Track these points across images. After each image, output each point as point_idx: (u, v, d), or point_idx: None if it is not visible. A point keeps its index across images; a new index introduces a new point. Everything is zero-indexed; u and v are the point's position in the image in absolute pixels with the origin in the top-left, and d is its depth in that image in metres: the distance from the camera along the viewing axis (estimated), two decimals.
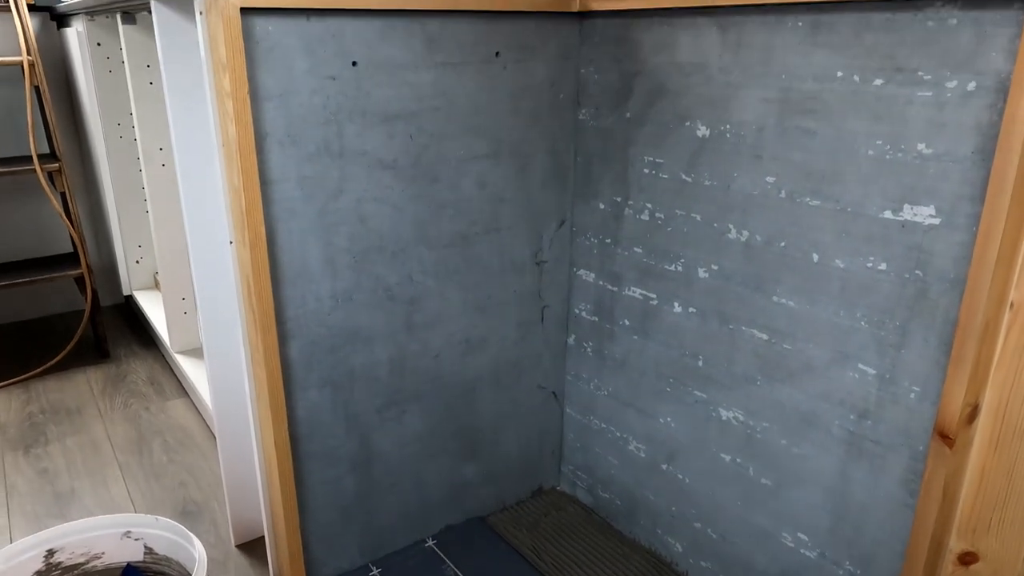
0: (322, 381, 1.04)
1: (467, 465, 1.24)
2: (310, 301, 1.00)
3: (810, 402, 0.91)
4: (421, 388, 1.14)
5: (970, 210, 0.72)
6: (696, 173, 0.99)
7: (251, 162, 0.90)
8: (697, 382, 1.05)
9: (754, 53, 0.88)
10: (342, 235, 1.00)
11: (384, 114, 0.99)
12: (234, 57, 0.85)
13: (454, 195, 1.08)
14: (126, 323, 2.30)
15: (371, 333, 1.06)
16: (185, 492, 1.45)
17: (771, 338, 0.93)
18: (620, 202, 1.11)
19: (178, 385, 1.89)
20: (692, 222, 1.01)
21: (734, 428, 1.01)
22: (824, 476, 0.91)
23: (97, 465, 1.55)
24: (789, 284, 0.90)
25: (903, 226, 0.78)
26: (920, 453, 0.80)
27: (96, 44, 1.84)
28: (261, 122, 0.90)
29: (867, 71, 0.78)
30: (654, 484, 1.16)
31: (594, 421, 1.26)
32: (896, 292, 0.79)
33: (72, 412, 1.76)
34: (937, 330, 0.77)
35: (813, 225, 0.86)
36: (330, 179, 0.97)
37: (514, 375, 1.24)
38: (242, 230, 0.92)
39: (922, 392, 0.79)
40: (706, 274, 1.00)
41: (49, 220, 2.24)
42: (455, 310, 1.14)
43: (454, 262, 1.11)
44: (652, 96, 1.02)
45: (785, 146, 0.87)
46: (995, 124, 0.69)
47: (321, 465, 1.08)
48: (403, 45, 0.97)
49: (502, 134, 1.10)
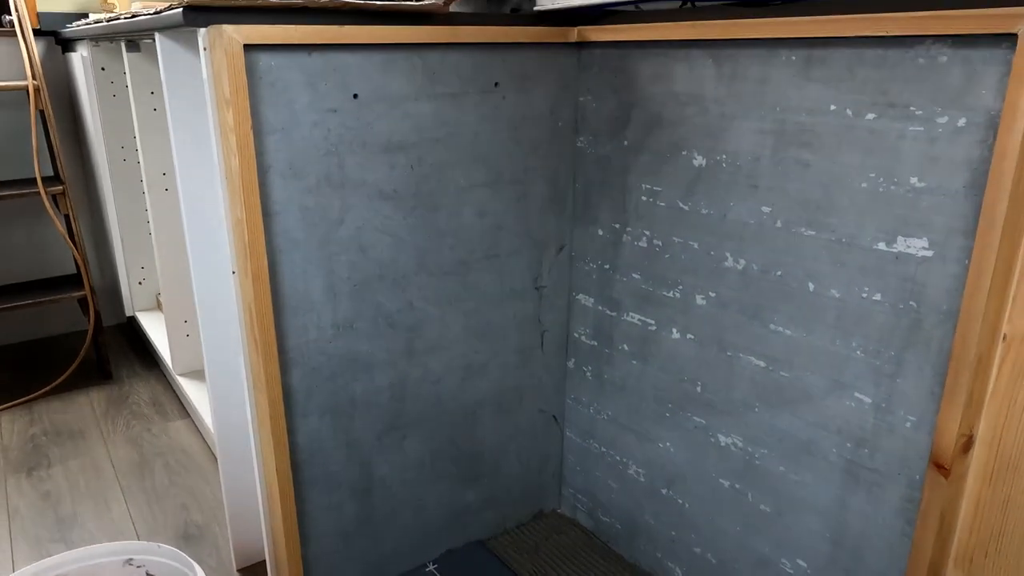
0: (323, 408, 1.05)
1: (468, 489, 1.25)
2: (311, 330, 1.01)
3: (808, 430, 0.91)
4: (422, 413, 1.15)
5: (962, 243, 0.73)
6: (693, 202, 1.00)
7: (253, 195, 0.91)
8: (696, 407, 1.06)
9: (748, 85, 0.90)
10: (343, 264, 1.01)
11: (385, 145, 1.00)
12: (237, 93, 0.86)
13: (454, 223, 1.09)
14: (128, 343, 2.31)
15: (372, 360, 1.07)
16: (187, 515, 1.46)
17: (769, 365, 0.94)
18: (619, 229, 1.12)
19: (180, 406, 1.89)
20: (690, 250, 1.02)
21: (733, 454, 1.02)
22: (823, 503, 0.91)
23: (99, 488, 1.55)
24: (786, 312, 0.91)
25: (897, 258, 0.79)
26: (917, 482, 0.81)
27: (100, 69, 1.86)
28: (264, 155, 0.91)
29: (860, 105, 0.79)
30: (654, 508, 1.17)
31: (594, 445, 1.27)
32: (891, 322, 0.80)
33: (75, 434, 1.77)
34: (932, 361, 0.77)
35: (809, 255, 0.87)
36: (331, 210, 0.98)
37: (515, 399, 1.25)
38: (244, 261, 0.93)
39: (918, 422, 0.80)
40: (704, 301, 1.01)
41: (52, 242, 2.25)
42: (455, 336, 1.15)
43: (454, 289, 1.12)
44: (649, 125, 1.04)
45: (780, 177, 0.88)
46: (985, 159, 0.70)
47: (322, 491, 1.08)
48: (403, 77, 0.99)
49: (502, 163, 1.11)
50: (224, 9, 0.85)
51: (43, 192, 1.86)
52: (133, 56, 1.66)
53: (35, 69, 1.86)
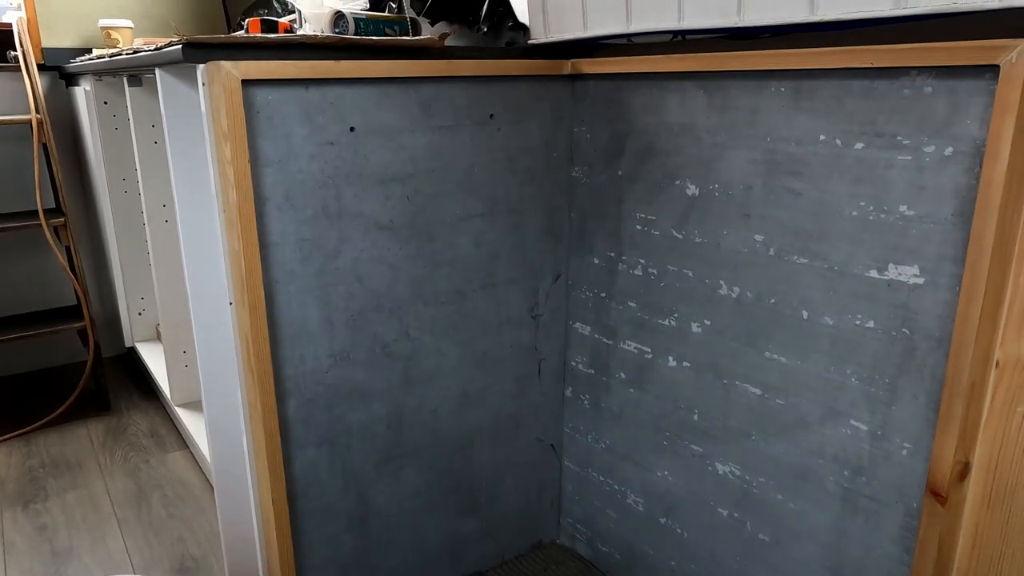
0: (320, 438, 1.05)
1: (466, 520, 1.24)
2: (308, 360, 1.01)
3: (804, 457, 0.91)
4: (419, 443, 1.15)
5: (953, 270, 0.74)
6: (687, 230, 1.01)
7: (251, 226, 0.92)
8: (693, 436, 1.06)
9: (739, 116, 0.91)
10: (340, 294, 1.02)
11: (381, 177, 1.01)
12: (235, 127, 0.87)
13: (450, 253, 1.10)
14: (128, 374, 2.31)
15: (368, 390, 1.07)
16: (184, 548, 1.45)
17: (764, 393, 0.94)
18: (614, 257, 1.13)
19: (179, 437, 1.89)
20: (684, 278, 1.02)
21: (731, 482, 1.01)
22: (821, 532, 0.91)
23: (96, 521, 1.54)
24: (780, 340, 0.91)
25: (889, 285, 0.79)
26: (915, 510, 0.81)
27: (103, 103, 1.89)
28: (261, 187, 0.92)
29: (848, 135, 0.80)
30: (653, 538, 1.16)
31: (592, 474, 1.26)
32: (884, 349, 0.81)
33: (72, 466, 1.76)
34: (926, 387, 0.77)
35: (802, 283, 0.88)
36: (328, 241, 0.99)
37: (512, 428, 1.25)
38: (242, 292, 0.94)
39: (914, 449, 0.80)
40: (699, 329, 1.01)
41: (53, 273, 2.26)
42: (452, 365, 1.15)
43: (451, 318, 1.13)
44: (643, 155, 1.05)
45: (772, 205, 0.89)
46: (972, 188, 0.71)
47: (319, 522, 1.08)
48: (399, 110, 1.00)
49: (497, 193, 1.12)
50: (222, 46, 0.87)
51: (44, 224, 1.87)
52: (135, 90, 1.68)
53: (39, 103, 1.88)
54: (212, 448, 1.18)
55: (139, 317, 2.12)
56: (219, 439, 1.18)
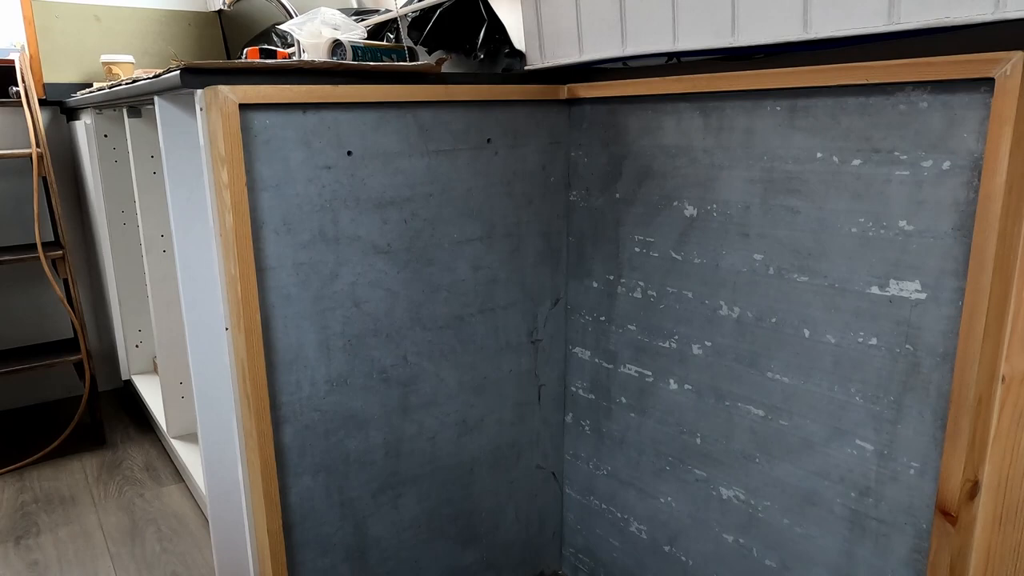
0: (316, 467, 1.03)
1: (466, 550, 1.21)
2: (304, 386, 1.00)
3: (810, 480, 0.89)
4: (417, 471, 1.13)
5: (955, 284, 0.73)
6: (686, 251, 1.00)
7: (247, 250, 0.91)
8: (696, 460, 1.04)
9: (736, 136, 0.91)
10: (337, 319, 1.01)
11: (378, 201, 1.01)
12: (232, 151, 0.87)
13: (448, 277, 1.09)
14: (124, 409, 2.29)
15: (366, 416, 1.06)
16: None
17: (767, 414, 0.93)
18: (613, 280, 1.13)
19: (174, 471, 1.86)
20: (684, 299, 1.02)
21: (735, 507, 0.99)
22: (829, 556, 0.89)
23: (89, 557, 1.51)
24: (782, 360, 0.90)
25: (890, 301, 0.78)
26: (924, 531, 0.79)
27: (103, 136, 1.90)
28: (258, 211, 0.92)
29: (845, 152, 0.80)
30: (657, 567, 1.13)
31: (594, 501, 1.24)
32: (888, 367, 0.79)
33: (66, 500, 1.73)
34: (932, 405, 0.76)
35: (803, 301, 0.87)
36: (325, 265, 0.98)
37: (512, 456, 1.23)
38: (238, 317, 0.93)
39: (921, 468, 0.78)
40: (700, 351, 1.00)
41: (50, 306, 2.26)
42: (451, 391, 1.13)
43: (449, 343, 1.12)
44: (640, 177, 1.05)
45: (771, 224, 0.89)
46: (972, 201, 0.71)
47: (315, 553, 1.05)
48: (397, 135, 1.00)
49: (495, 217, 1.12)
50: (220, 71, 0.87)
51: (43, 257, 1.87)
52: (134, 121, 1.70)
53: (39, 137, 1.89)
54: (207, 477, 1.16)
55: (136, 350, 2.11)
56: (214, 467, 1.16)
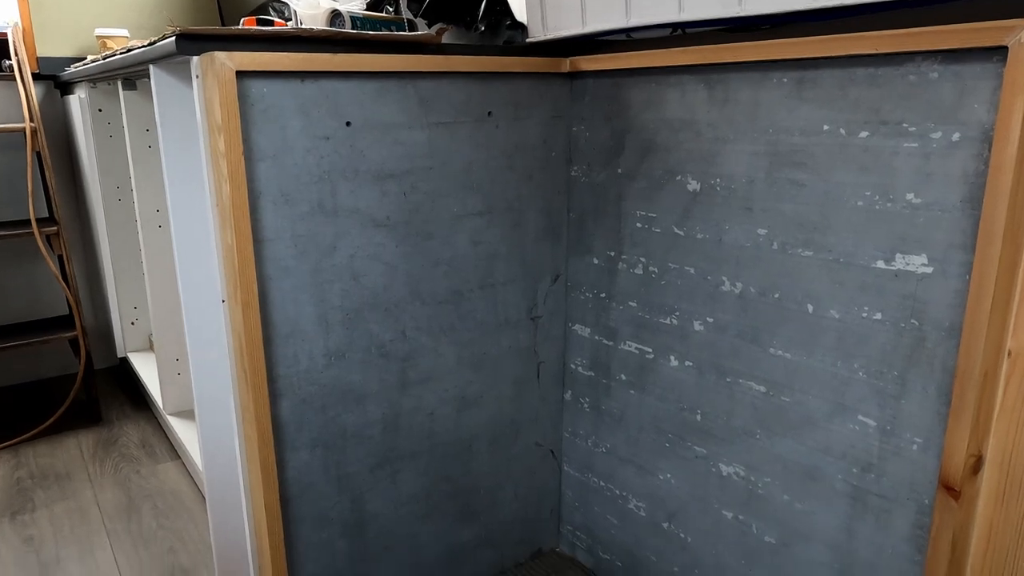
0: (313, 441, 1.02)
1: (464, 527, 1.21)
2: (302, 359, 0.99)
3: (811, 456, 0.89)
4: (415, 447, 1.12)
5: (962, 258, 0.72)
6: (688, 227, 0.99)
7: (244, 221, 0.90)
8: (696, 437, 1.03)
9: (741, 108, 0.90)
10: (335, 292, 1.00)
11: (377, 173, 0.99)
12: (229, 119, 0.86)
13: (448, 252, 1.08)
14: (120, 386, 2.28)
15: (364, 391, 1.05)
16: (174, 559, 1.41)
17: (769, 390, 0.92)
18: (614, 256, 1.12)
19: (170, 448, 1.85)
20: (686, 275, 1.01)
21: (735, 484, 0.99)
22: (829, 533, 0.88)
23: (84, 532, 1.51)
24: (785, 336, 0.89)
25: (896, 275, 0.77)
26: (926, 507, 0.78)
27: (98, 110, 1.87)
28: (255, 181, 0.91)
29: (853, 124, 0.79)
30: (655, 544, 1.13)
31: (593, 479, 1.23)
32: (893, 342, 0.79)
33: (61, 477, 1.73)
34: (936, 380, 0.76)
35: (806, 276, 0.86)
36: (323, 237, 0.97)
37: (511, 433, 1.22)
38: (235, 288, 0.92)
39: (924, 443, 0.77)
40: (701, 327, 1.00)
41: (45, 283, 2.24)
42: (449, 367, 1.13)
43: (448, 318, 1.11)
44: (643, 152, 1.04)
45: (775, 198, 0.88)
46: (981, 173, 0.70)
47: (312, 528, 1.05)
48: (396, 106, 0.99)
49: (496, 191, 1.10)
50: (217, 37, 0.86)
51: (37, 233, 1.85)
52: (129, 94, 1.67)
53: (33, 111, 1.87)
54: (204, 454, 1.15)
55: (132, 327, 2.10)
56: (211, 441, 1.15)
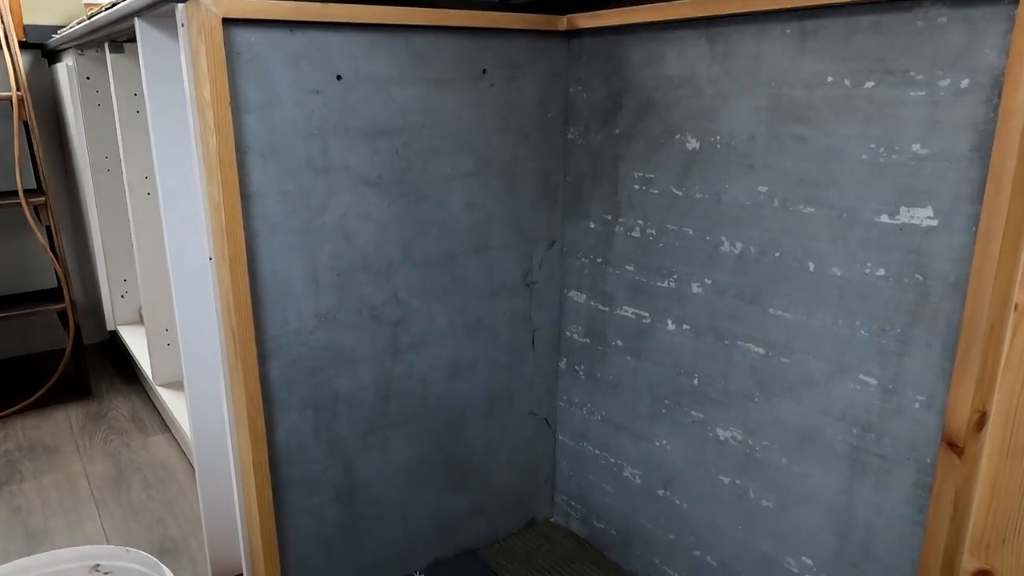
0: (303, 403, 1.00)
1: (457, 495, 1.20)
2: (291, 320, 0.97)
3: (810, 417, 0.87)
4: (407, 413, 1.10)
5: (969, 210, 0.70)
6: (687, 187, 0.97)
7: (231, 175, 0.87)
8: (693, 401, 1.02)
9: (742, 62, 0.87)
10: (325, 252, 0.97)
11: (369, 129, 0.97)
12: (215, 68, 0.83)
13: (441, 213, 1.06)
14: (110, 361, 2.25)
15: (355, 354, 1.03)
16: (163, 529, 1.39)
17: (768, 352, 0.91)
18: (611, 220, 1.09)
19: (160, 421, 1.83)
20: (684, 237, 0.99)
21: (732, 448, 0.97)
22: (828, 495, 0.87)
23: (73, 503, 1.49)
24: (785, 295, 0.87)
25: (901, 229, 0.76)
26: (928, 466, 0.77)
27: (86, 78, 1.84)
28: (242, 134, 0.88)
29: (857, 74, 0.77)
30: (650, 512, 1.12)
31: (587, 447, 1.22)
32: (896, 298, 0.77)
33: (50, 449, 1.71)
34: (940, 335, 0.74)
35: (808, 233, 0.84)
36: (313, 194, 0.95)
37: (505, 401, 1.21)
38: (222, 245, 0.90)
39: (927, 401, 0.76)
40: (699, 289, 0.98)
41: (34, 255, 2.21)
42: (442, 332, 1.11)
43: (441, 282, 1.08)
44: (641, 111, 1.01)
45: (777, 154, 0.86)
46: (991, 120, 0.68)
47: (302, 493, 1.03)
48: (389, 60, 0.96)
49: (490, 153, 1.08)
50: None
51: (24, 203, 1.82)
52: (116, 57, 1.64)
53: (19, 80, 1.83)
54: (192, 422, 1.13)
55: (121, 300, 2.07)
56: (199, 404, 1.13)
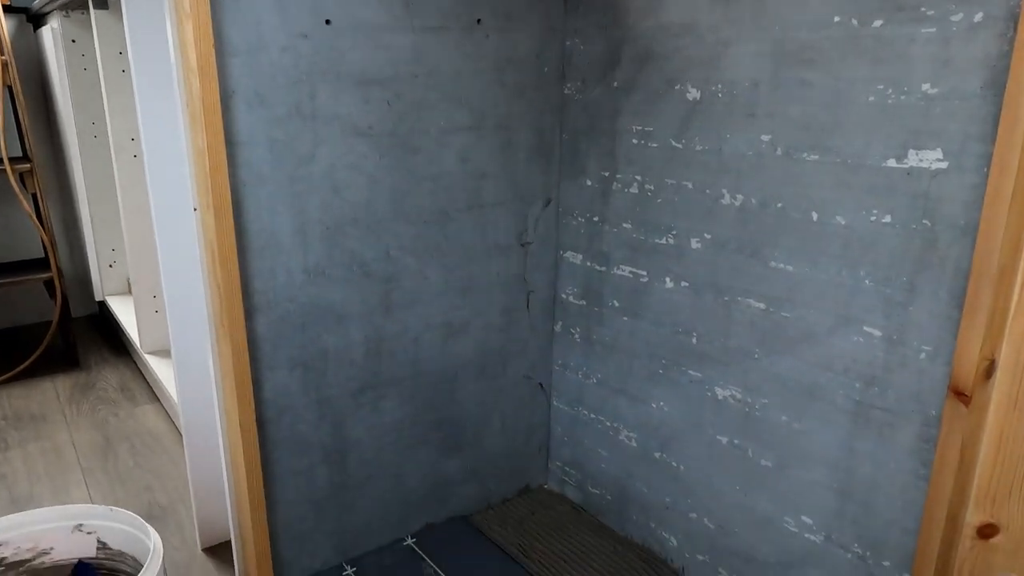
0: (292, 361, 0.98)
1: (449, 460, 1.17)
2: (280, 274, 0.94)
3: (812, 372, 0.85)
4: (399, 374, 1.08)
5: (980, 150, 0.68)
6: (687, 139, 0.94)
7: (216, 120, 0.84)
8: (691, 360, 0.99)
9: (745, 6, 0.84)
10: (314, 204, 0.94)
11: (360, 77, 0.94)
12: (197, 4, 0.80)
13: (434, 168, 1.03)
14: (99, 333, 2.22)
15: (345, 311, 1.00)
16: (151, 496, 1.37)
17: (769, 307, 0.88)
18: (608, 177, 1.07)
19: (149, 391, 1.81)
20: (683, 191, 0.96)
21: (731, 407, 0.95)
22: (829, 452, 0.85)
23: (59, 470, 1.46)
24: (787, 247, 0.85)
25: (908, 173, 0.73)
26: (933, 419, 0.75)
27: (71, 41, 1.80)
28: (227, 78, 0.85)
29: (865, 13, 0.74)
30: (647, 475, 1.10)
31: (583, 412, 1.20)
32: (902, 246, 0.75)
33: (36, 418, 1.68)
34: (948, 283, 0.71)
35: (812, 182, 0.81)
36: (302, 143, 0.92)
37: (499, 364, 1.18)
38: (206, 194, 0.87)
39: (933, 351, 0.74)
40: (699, 244, 0.95)
41: (19, 224, 2.17)
42: (435, 291, 1.08)
43: (434, 239, 1.06)
44: (640, 62, 0.98)
45: (780, 101, 0.83)
46: (1005, 55, 0.65)
47: (290, 453, 1.01)
48: (380, 5, 0.93)
49: (485, 107, 1.05)
50: None
51: (9, 170, 1.78)
52: (100, 14, 1.60)
53: (3, 44, 1.79)
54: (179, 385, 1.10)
55: (110, 270, 2.04)
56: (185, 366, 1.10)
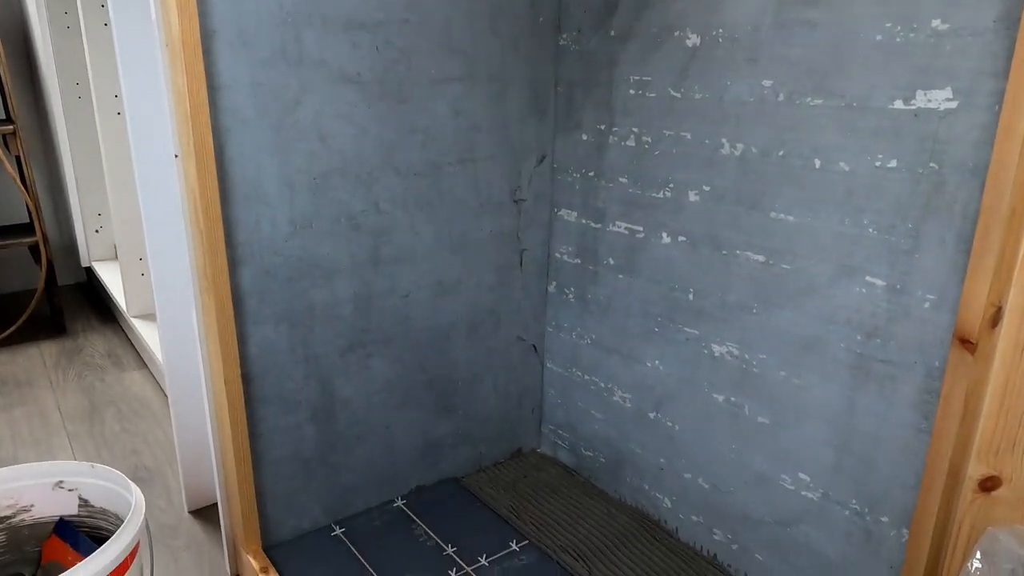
0: (278, 316, 0.95)
1: (440, 421, 1.15)
2: (264, 225, 0.91)
3: (811, 326, 0.83)
4: (389, 331, 1.05)
5: (992, 87, 0.65)
6: (686, 87, 0.91)
7: (197, 61, 0.81)
8: (687, 317, 0.97)
9: None
10: (300, 153, 0.91)
11: (347, 21, 0.90)
12: None
13: (425, 119, 1.00)
14: (87, 300, 2.19)
15: (333, 265, 0.98)
16: (137, 459, 1.35)
17: (768, 259, 0.86)
18: (604, 130, 1.04)
19: (136, 357, 1.78)
20: (682, 142, 0.93)
21: (728, 364, 0.93)
22: (828, 407, 0.83)
23: (44, 434, 1.44)
24: (788, 197, 0.82)
25: (916, 115, 0.70)
26: (936, 370, 0.73)
27: None
28: (208, 17, 0.81)
29: None
30: (641, 436, 1.08)
31: (576, 373, 1.18)
32: (908, 191, 0.72)
33: (21, 383, 1.65)
34: (955, 228, 0.69)
35: (815, 127, 0.79)
36: (287, 89, 0.88)
37: (491, 324, 1.16)
38: (187, 139, 0.83)
39: (938, 300, 0.71)
40: (697, 197, 0.93)
41: (4, 188, 2.13)
42: (426, 247, 1.05)
43: (425, 193, 1.03)
44: (638, 8, 0.95)
45: (783, 44, 0.80)
46: None
47: (277, 410, 0.98)
48: None
49: (478, 56, 1.02)
50: None
51: None
52: None
53: None
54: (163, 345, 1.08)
55: (96, 235, 2.00)
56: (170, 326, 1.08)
